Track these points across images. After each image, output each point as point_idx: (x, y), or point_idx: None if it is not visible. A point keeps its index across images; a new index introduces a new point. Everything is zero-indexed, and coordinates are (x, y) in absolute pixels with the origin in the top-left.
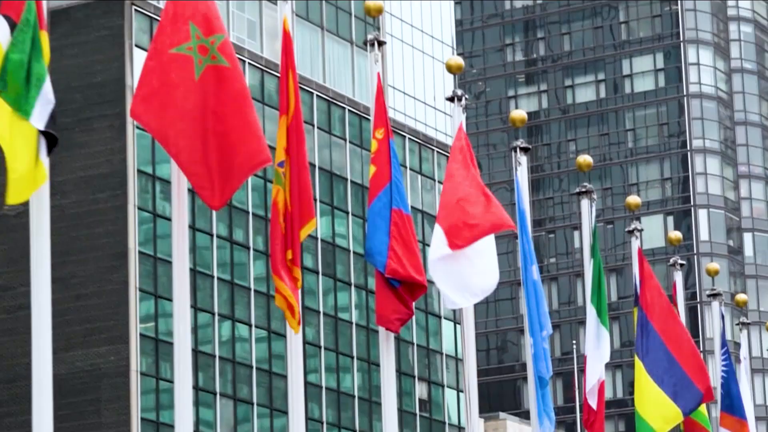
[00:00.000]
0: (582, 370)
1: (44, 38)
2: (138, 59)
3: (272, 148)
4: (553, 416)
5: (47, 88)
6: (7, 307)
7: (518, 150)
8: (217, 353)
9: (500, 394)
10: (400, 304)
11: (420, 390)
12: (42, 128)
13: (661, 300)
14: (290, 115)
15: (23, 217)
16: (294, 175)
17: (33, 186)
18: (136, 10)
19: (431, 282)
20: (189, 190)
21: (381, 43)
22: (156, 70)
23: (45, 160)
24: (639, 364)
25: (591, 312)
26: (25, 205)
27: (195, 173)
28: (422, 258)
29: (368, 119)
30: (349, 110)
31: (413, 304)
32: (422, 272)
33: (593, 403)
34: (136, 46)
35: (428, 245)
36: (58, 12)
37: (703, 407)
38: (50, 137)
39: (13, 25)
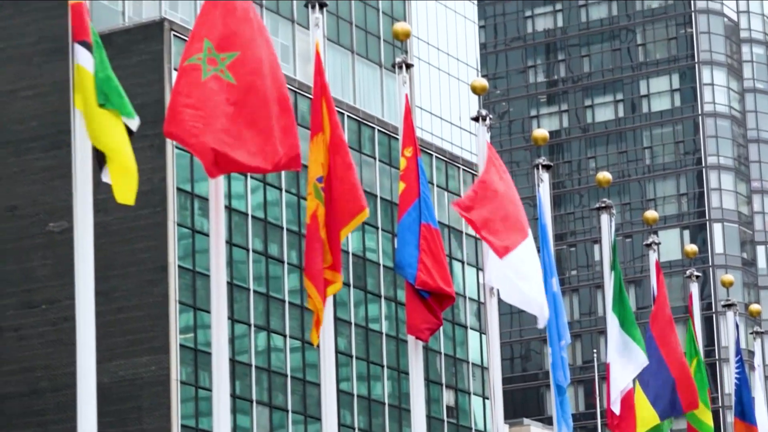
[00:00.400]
0: (603, 378)
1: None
2: None
3: (304, 166)
4: (570, 422)
5: None
6: (53, 319)
7: (540, 167)
8: (253, 362)
9: (524, 400)
10: (429, 315)
11: (447, 397)
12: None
13: (665, 310)
14: (327, 133)
15: (68, 234)
16: (336, 184)
17: (134, 184)
18: (174, 35)
19: (458, 294)
20: (225, 206)
21: (408, 66)
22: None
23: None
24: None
25: (614, 321)
26: (70, 222)
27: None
28: (450, 270)
29: (397, 138)
30: (378, 130)
31: (441, 314)
32: (450, 284)
33: (616, 409)
34: (175, 69)
35: (455, 258)
36: (101, 37)
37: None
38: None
39: (89, 47)
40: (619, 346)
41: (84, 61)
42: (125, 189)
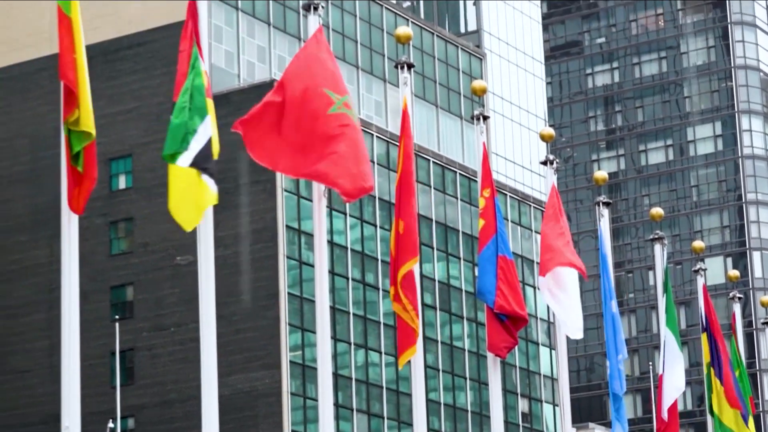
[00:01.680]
0: (657, 387)
1: (210, 104)
2: None
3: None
4: (626, 425)
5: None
6: (181, 340)
7: (601, 204)
8: (353, 376)
9: (589, 407)
10: (507, 335)
11: (522, 405)
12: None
13: (718, 327)
14: (399, 173)
15: (193, 266)
16: (398, 222)
17: (202, 209)
18: None
19: (531, 315)
20: (328, 241)
21: (485, 118)
22: (320, 129)
23: (209, 184)
24: (718, 384)
25: (669, 336)
26: (194, 256)
27: (335, 176)
28: (523, 295)
29: (476, 181)
30: (459, 173)
31: (516, 333)
32: (523, 307)
33: (665, 416)
34: None
35: (527, 284)
36: (219, 96)
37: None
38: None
39: None
40: (671, 360)
41: None
42: (190, 214)
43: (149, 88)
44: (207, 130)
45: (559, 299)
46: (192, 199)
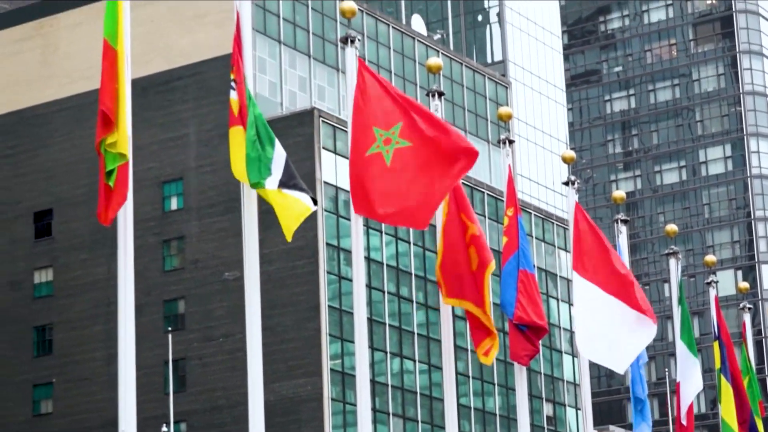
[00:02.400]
0: (673, 392)
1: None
2: (325, 159)
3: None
4: (650, 424)
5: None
6: (229, 349)
7: (619, 222)
8: (389, 382)
9: (609, 410)
10: (527, 343)
11: (547, 409)
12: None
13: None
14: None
15: (240, 281)
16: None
17: (300, 218)
18: (322, 121)
19: (554, 324)
20: (365, 257)
21: (511, 142)
22: (357, 171)
23: (301, 197)
24: (726, 384)
25: (682, 347)
26: (241, 272)
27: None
28: (545, 307)
29: (502, 201)
30: (487, 194)
31: (539, 342)
32: (543, 318)
33: (684, 421)
34: (323, 148)
35: (551, 296)
36: None
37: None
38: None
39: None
40: (686, 368)
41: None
42: (289, 225)
43: (198, 116)
44: (280, 153)
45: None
46: (289, 213)
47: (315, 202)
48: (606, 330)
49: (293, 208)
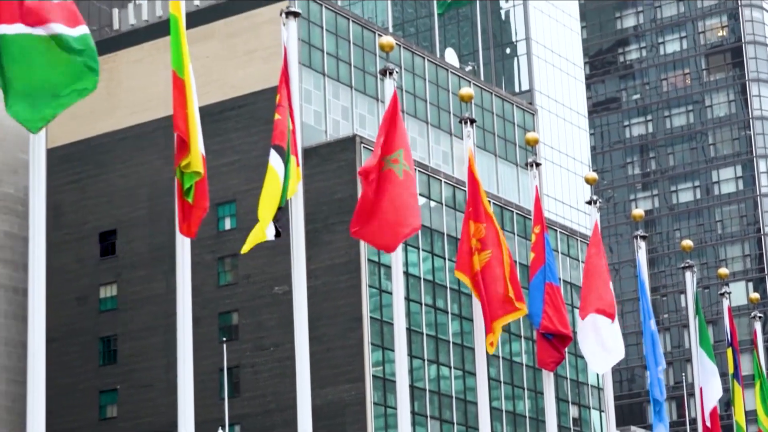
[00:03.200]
0: (690, 395)
1: (293, 161)
2: None
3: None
4: (667, 425)
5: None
6: (279, 358)
7: (638, 238)
8: (427, 387)
9: (630, 412)
10: (554, 351)
11: (573, 411)
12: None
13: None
14: (485, 223)
15: (288, 295)
16: (495, 266)
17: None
18: (363, 146)
19: (576, 333)
20: (404, 272)
21: (538, 165)
22: (367, 192)
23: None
24: (738, 388)
25: (702, 354)
26: (290, 286)
27: (382, 243)
28: (570, 317)
29: (530, 219)
30: (516, 213)
31: (565, 350)
32: (567, 327)
33: (708, 422)
34: None
35: (575, 307)
36: (309, 150)
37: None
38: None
39: (280, 152)
40: (708, 373)
41: (274, 162)
42: (248, 240)
43: (249, 143)
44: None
45: (590, 340)
46: (255, 232)
47: (278, 234)
48: (598, 343)
49: (261, 230)
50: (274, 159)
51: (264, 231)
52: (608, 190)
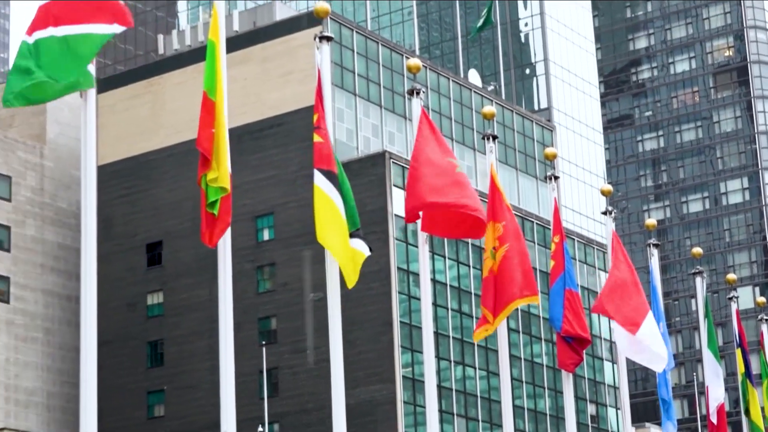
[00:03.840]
0: (701, 393)
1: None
2: (395, 195)
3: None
4: (675, 422)
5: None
6: (316, 360)
7: (651, 246)
8: (453, 387)
9: (645, 410)
10: (573, 353)
11: (591, 409)
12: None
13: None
14: (504, 221)
15: (323, 302)
16: (514, 256)
17: (356, 270)
18: (392, 162)
19: (596, 336)
20: (431, 279)
21: (556, 178)
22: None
23: (363, 248)
24: (753, 390)
25: (709, 355)
26: (324, 293)
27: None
28: (587, 320)
29: (549, 229)
30: (536, 223)
31: (584, 352)
32: (586, 330)
33: (714, 420)
34: (394, 185)
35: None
36: (341, 165)
37: None
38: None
39: (328, 175)
40: (713, 373)
41: (320, 183)
42: (350, 275)
43: (286, 159)
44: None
45: (653, 351)
46: (352, 265)
47: (370, 249)
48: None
49: (354, 259)
50: (323, 182)
51: (345, 253)
52: (622, 201)
